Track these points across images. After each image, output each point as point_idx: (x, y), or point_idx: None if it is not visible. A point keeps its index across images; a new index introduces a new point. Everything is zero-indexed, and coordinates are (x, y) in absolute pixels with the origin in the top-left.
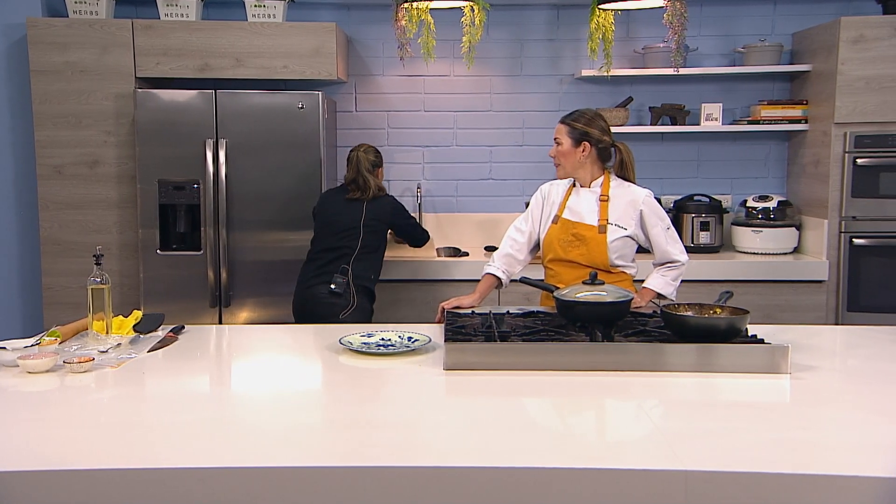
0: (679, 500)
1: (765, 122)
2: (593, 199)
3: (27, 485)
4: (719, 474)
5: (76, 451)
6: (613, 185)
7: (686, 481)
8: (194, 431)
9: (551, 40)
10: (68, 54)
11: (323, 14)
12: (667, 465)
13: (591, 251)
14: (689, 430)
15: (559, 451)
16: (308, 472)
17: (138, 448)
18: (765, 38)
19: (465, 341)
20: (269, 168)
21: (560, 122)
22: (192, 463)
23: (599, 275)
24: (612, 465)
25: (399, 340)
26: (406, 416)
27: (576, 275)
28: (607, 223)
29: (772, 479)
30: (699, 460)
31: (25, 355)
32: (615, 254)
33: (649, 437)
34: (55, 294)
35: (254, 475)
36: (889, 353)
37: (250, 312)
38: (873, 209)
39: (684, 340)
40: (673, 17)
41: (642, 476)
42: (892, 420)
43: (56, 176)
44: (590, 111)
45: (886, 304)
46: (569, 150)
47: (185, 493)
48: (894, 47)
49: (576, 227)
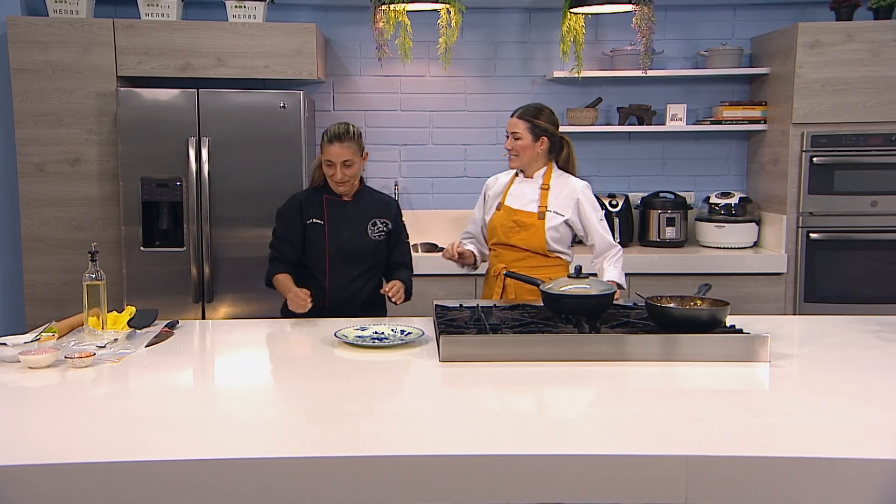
0: (680, 484)
1: (726, 122)
2: (535, 187)
3: (39, 478)
4: (719, 459)
5: (84, 445)
6: (554, 175)
7: (687, 466)
8: (200, 424)
9: (524, 42)
10: (49, 53)
11: (301, 15)
12: (667, 450)
13: (531, 237)
14: (683, 417)
15: (562, 439)
16: (316, 462)
17: (146, 442)
18: (725, 42)
19: (459, 334)
20: (251, 166)
21: (518, 118)
22: (199, 455)
23: (535, 259)
24: (614, 451)
25: (392, 333)
26: (408, 407)
27: (515, 256)
28: (546, 210)
29: (771, 463)
30: (698, 446)
31: (26, 351)
32: (552, 240)
33: (646, 424)
34: (37, 291)
35: (261, 466)
36: (858, 341)
37: (233, 308)
38: (829, 205)
39: (668, 331)
40: (641, 21)
41: (645, 462)
42: (871, 404)
43: (37, 173)
44: (542, 107)
45: (841, 294)
46: (528, 144)
47: (195, 484)
48: (848, 52)
49: (517, 214)
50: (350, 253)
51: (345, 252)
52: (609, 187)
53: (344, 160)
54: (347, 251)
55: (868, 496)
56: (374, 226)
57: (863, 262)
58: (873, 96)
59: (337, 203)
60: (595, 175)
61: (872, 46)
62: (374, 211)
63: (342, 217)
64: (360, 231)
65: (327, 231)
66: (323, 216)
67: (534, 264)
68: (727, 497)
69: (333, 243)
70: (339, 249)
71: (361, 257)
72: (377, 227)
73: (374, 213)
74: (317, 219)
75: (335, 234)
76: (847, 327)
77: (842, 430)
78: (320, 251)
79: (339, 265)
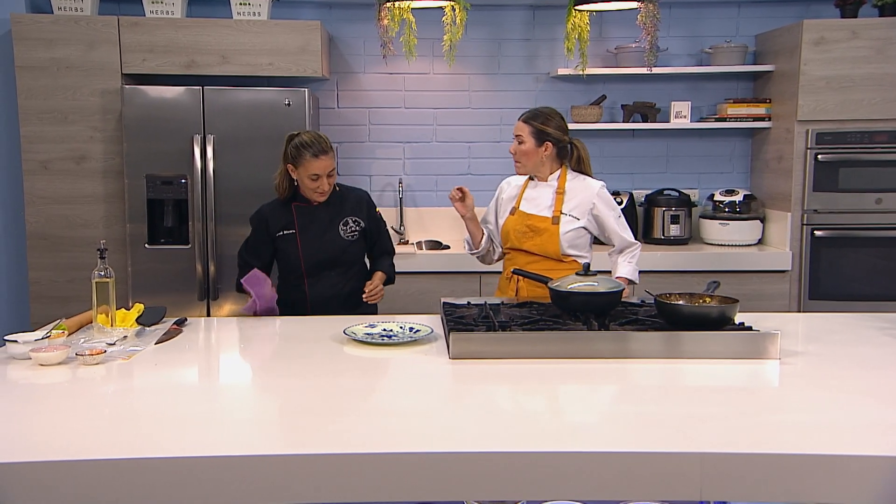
0: (695, 481)
1: (731, 119)
2: (550, 192)
3: (51, 475)
4: (733, 456)
5: (96, 442)
6: (569, 178)
7: (702, 463)
8: (211, 421)
9: (528, 40)
10: (54, 50)
11: (306, 12)
12: (681, 447)
13: (544, 241)
14: (695, 414)
15: (576, 436)
16: (327, 459)
17: (157, 439)
18: (730, 39)
19: (469, 331)
20: (256, 163)
21: (523, 122)
22: (211, 452)
23: (549, 262)
24: (629, 448)
25: (401, 331)
26: (420, 404)
27: (528, 260)
28: (561, 214)
29: (784, 460)
30: (712, 443)
31: (37, 348)
32: (567, 244)
33: (659, 422)
34: (42, 288)
35: (272, 463)
36: (866, 338)
37: (238, 305)
38: (833, 202)
39: (678, 328)
40: (646, 19)
41: (660, 459)
42: (882, 401)
43: (42, 171)
44: (550, 111)
45: (846, 292)
46: (531, 149)
47: (207, 481)
48: (853, 49)
49: (531, 219)
50: (325, 258)
51: (320, 257)
52: (613, 185)
53: (329, 171)
54: (322, 257)
55: (880, 493)
56: (345, 225)
57: (867, 260)
58: (878, 93)
59: (306, 210)
60: (599, 173)
61: (877, 44)
62: (345, 210)
63: (313, 222)
64: (332, 234)
65: (299, 240)
66: (293, 225)
67: (547, 267)
68: (741, 493)
69: (307, 251)
70: (313, 255)
71: (337, 260)
72: (349, 226)
73: (346, 212)
74: (287, 229)
75: (307, 241)
76: (854, 325)
77: (853, 427)
78: (294, 262)
79: (317, 271)
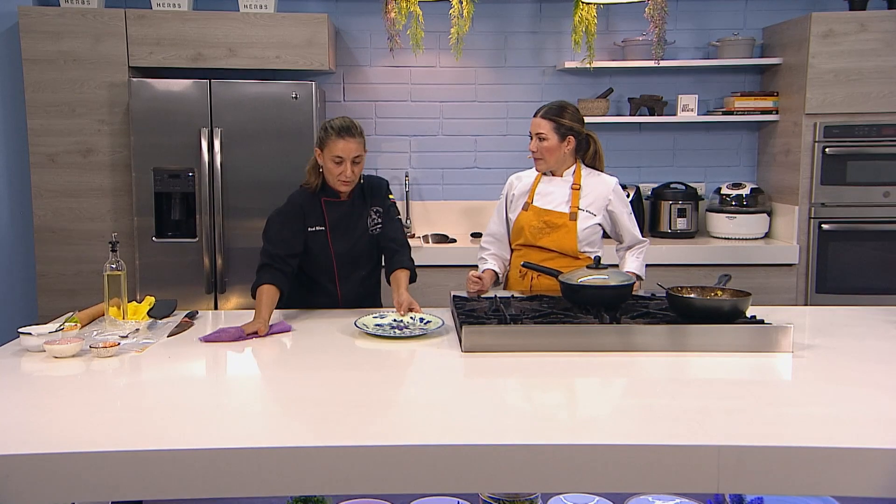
0: (712, 473)
1: (738, 112)
2: (566, 187)
3: (67, 467)
4: (751, 449)
5: (111, 434)
6: (584, 173)
7: (719, 456)
8: (224, 414)
9: (534, 33)
10: (61, 43)
11: (312, 5)
12: (698, 440)
13: (561, 238)
14: (711, 407)
15: (591, 429)
16: (341, 451)
17: (171, 431)
18: (737, 32)
19: (481, 324)
20: (263, 156)
21: (542, 118)
22: (224, 444)
23: (564, 259)
24: (645, 441)
25: (412, 322)
26: (434, 397)
27: (543, 257)
28: (578, 210)
29: (800, 452)
30: (729, 436)
31: (51, 341)
32: (584, 241)
33: (675, 415)
34: (49, 281)
35: (284, 455)
36: (876, 332)
37: (245, 298)
38: (841, 196)
39: (690, 321)
40: (654, 11)
41: (677, 452)
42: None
43: (49, 164)
44: (566, 104)
45: (853, 285)
46: (555, 145)
47: (219, 473)
48: (861, 42)
49: (548, 215)
50: (357, 255)
51: (352, 255)
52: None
53: (354, 156)
54: (354, 254)
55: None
56: (370, 218)
57: (875, 253)
58: (887, 86)
59: (335, 204)
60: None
61: (886, 36)
62: (369, 201)
63: (343, 218)
64: (362, 229)
65: (330, 237)
66: (324, 221)
67: (563, 265)
68: (759, 486)
69: (339, 249)
70: (347, 253)
71: (367, 255)
72: (373, 218)
73: (369, 204)
74: (318, 226)
75: (339, 238)
76: (864, 318)
77: (867, 420)
78: (326, 260)
79: (348, 270)
